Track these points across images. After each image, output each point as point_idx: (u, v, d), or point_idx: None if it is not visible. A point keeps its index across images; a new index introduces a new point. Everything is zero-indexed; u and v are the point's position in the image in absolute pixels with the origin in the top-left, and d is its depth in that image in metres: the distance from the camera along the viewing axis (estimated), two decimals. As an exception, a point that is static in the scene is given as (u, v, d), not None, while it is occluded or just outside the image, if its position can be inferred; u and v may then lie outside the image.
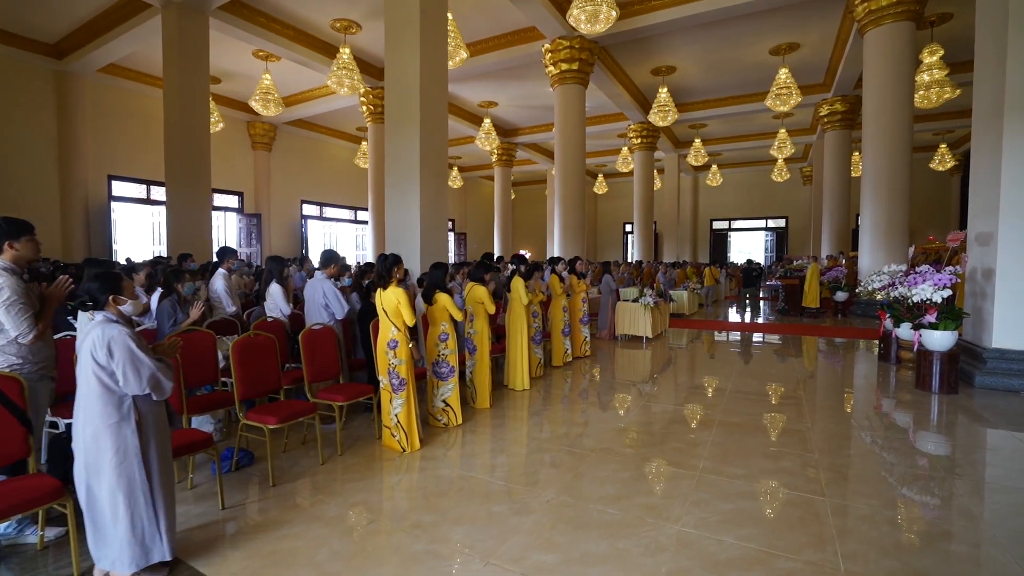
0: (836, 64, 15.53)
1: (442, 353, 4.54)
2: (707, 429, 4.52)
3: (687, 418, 4.86)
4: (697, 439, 4.28)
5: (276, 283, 4.90)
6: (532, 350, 6.27)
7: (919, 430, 4.68)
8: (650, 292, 8.52)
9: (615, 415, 4.98)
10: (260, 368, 3.78)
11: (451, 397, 4.57)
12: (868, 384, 6.32)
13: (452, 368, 4.56)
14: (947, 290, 5.47)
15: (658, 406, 5.25)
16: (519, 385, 5.75)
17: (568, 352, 7.03)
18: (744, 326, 11.33)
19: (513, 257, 6.38)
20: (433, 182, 9.49)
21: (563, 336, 6.94)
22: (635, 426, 4.63)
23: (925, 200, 24.23)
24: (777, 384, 6.16)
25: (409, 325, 4.00)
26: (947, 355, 5.56)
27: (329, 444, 4.18)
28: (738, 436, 4.33)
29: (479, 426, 4.68)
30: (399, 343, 4.00)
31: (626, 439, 4.29)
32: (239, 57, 14.70)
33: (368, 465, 3.81)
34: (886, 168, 11.23)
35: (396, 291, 3.98)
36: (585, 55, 13.53)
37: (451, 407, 4.58)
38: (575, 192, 14.30)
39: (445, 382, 4.55)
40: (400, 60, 9.38)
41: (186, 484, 3.45)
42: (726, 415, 4.91)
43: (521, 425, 4.71)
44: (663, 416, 4.91)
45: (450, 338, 4.54)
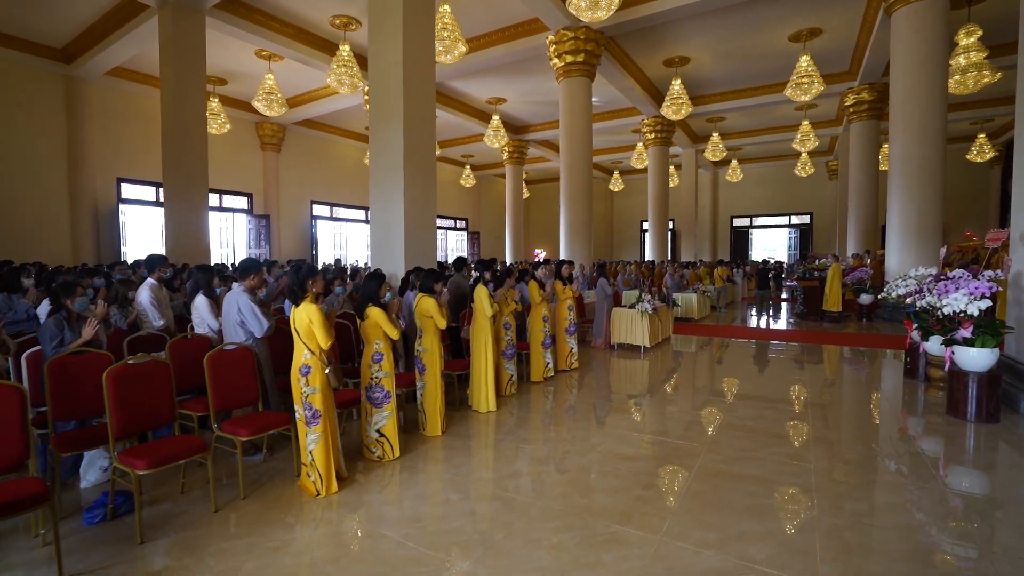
0: (862, 50, 14.31)
1: (375, 376, 3.85)
2: (686, 472, 3.73)
3: (667, 456, 4.06)
4: (669, 488, 3.50)
5: (203, 295, 4.28)
6: (503, 366, 5.53)
7: (952, 466, 3.81)
8: (648, 297, 7.68)
9: (582, 448, 4.20)
10: (142, 399, 3.15)
11: (387, 426, 3.88)
12: (891, 408, 5.38)
13: (388, 393, 3.86)
14: (985, 300, 4.54)
15: (635, 436, 4.46)
16: (483, 407, 5.03)
17: (549, 366, 6.25)
18: (755, 332, 10.33)
19: (477, 263, 5.61)
20: (419, 180, 8.82)
21: (543, 349, 6.17)
22: (600, 465, 3.85)
23: (962, 194, 22.55)
24: (781, 409, 5.29)
25: (323, 347, 3.33)
26: (985, 376, 4.63)
27: (250, 480, 3.55)
28: (724, 485, 3.52)
29: (420, 460, 3.97)
30: (312, 369, 3.33)
31: (583, 486, 3.52)
32: (244, 58, 14.31)
33: (266, 514, 3.14)
34: (916, 160, 10.09)
35: (308, 308, 3.31)
36: (591, 46, 12.70)
37: (387, 438, 3.89)
38: (581, 189, 13.49)
39: (380, 409, 3.86)
40: (383, 52, 8.71)
41: (39, 541, 2.85)
42: (714, 454, 4.08)
43: (468, 460, 3.98)
44: (638, 451, 4.13)
45: (385, 359, 3.85)
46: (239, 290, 3.84)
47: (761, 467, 3.73)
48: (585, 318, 8.47)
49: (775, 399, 5.56)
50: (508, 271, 5.60)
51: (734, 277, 16.03)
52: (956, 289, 4.72)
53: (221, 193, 17.35)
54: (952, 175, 22.70)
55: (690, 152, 22.96)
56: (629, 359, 7.63)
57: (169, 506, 3.26)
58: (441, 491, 3.48)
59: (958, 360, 4.76)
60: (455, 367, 5.17)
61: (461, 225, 27.50)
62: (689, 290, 11.65)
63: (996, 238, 5.28)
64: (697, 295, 11.25)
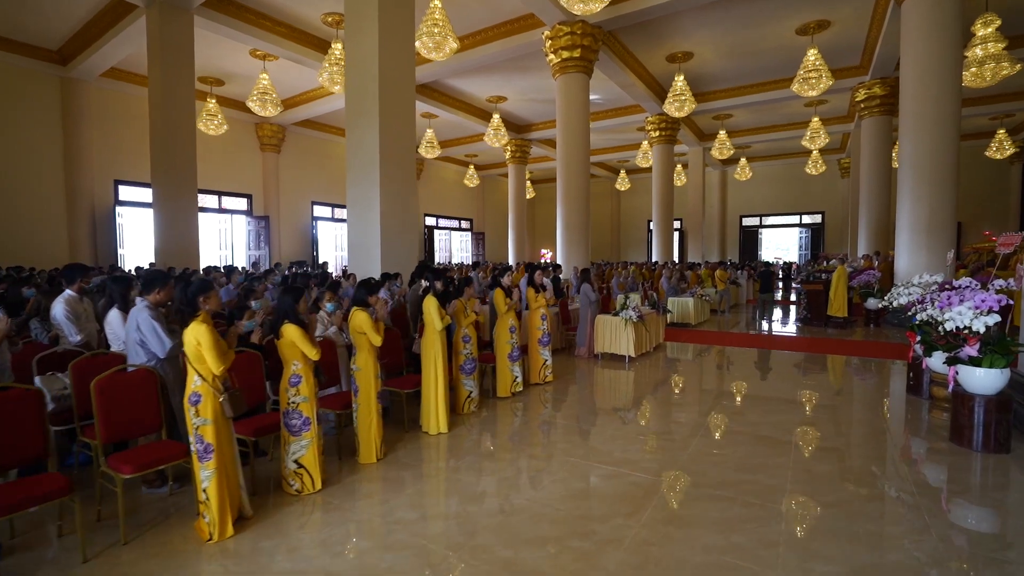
0: (873, 42, 13.53)
1: (293, 401, 3.39)
2: (637, 516, 3.21)
3: (621, 494, 3.53)
4: (613, 538, 2.98)
5: (116, 309, 3.86)
6: (461, 382, 5.04)
7: (955, 500, 3.24)
8: (634, 304, 7.12)
9: (529, 480, 3.70)
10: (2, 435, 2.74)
11: (306, 457, 3.42)
12: (889, 434, 4.73)
13: (307, 420, 3.40)
14: (993, 315, 3.93)
15: (592, 467, 3.93)
16: (433, 428, 4.54)
17: (518, 380, 5.71)
18: (752, 340, 9.65)
19: (426, 271, 5.06)
20: (398, 180, 8.36)
21: (510, 362, 5.64)
22: (542, 505, 3.34)
23: (980, 192, 21.50)
24: (762, 431, 4.73)
25: (215, 373, 2.88)
26: (994, 401, 4.02)
27: (146, 519, 3.13)
28: (678, 537, 3.00)
29: (342, 495, 3.48)
30: (203, 397, 2.89)
31: (512, 534, 2.99)
32: (240, 59, 14.02)
33: (141, 565, 2.67)
34: (928, 157, 9.35)
35: (197, 329, 2.86)
36: (587, 41, 12.13)
37: (306, 470, 3.43)
38: (579, 189, 12.94)
39: (297, 438, 3.41)
40: (358, 47, 8.25)
41: None
42: (677, 491, 3.56)
43: (396, 495, 3.48)
44: (589, 486, 3.62)
45: (303, 382, 3.39)
46: (142, 305, 3.41)
47: (726, 509, 3.19)
48: (570, 325, 7.95)
49: (757, 420, 4.99)
50: (467, 280, 5.10)
51: (738, 279, 15.30)
52: (960, 301, 4.11)
53: (220, 194, 17.11)
54: (970, 172, 21.70)
55: (697, 150, 22.22)
56: (612, 370, 7.08)
57: (39, 552, 2.84)
58: (351, 535, 3.00)
59: (963, 381, 4.16)
60: (407, 384, 4.69)
61: (466, 226, 27.07)
62: (687, 294, 11.01)
63: (1009, 242, 4.65)
64: (694, 299, 10.61)
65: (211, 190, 16.93)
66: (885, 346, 8.67)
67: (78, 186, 13.93)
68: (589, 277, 7.45)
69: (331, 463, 3.99)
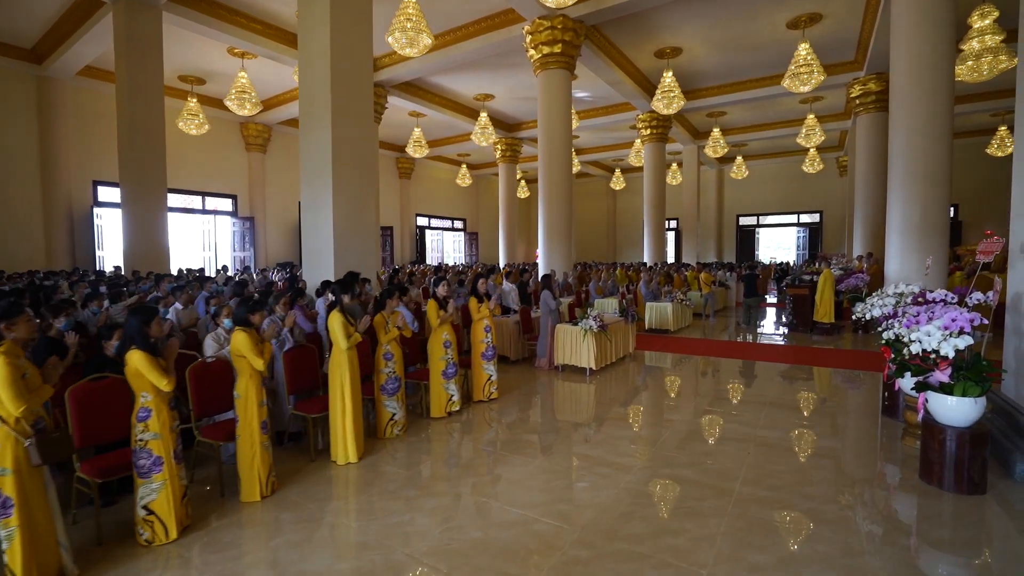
0: (867, 36, 12.82)
1: (141, 439, 2.89)
2: (545, 560, 2.67)
3: (525, 546, 3.00)
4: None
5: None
6: (383, 403, 4.51)
7: (913, 560, 2.68)
8: (594, 313, 6.56)
9: (427, 527, 3.16)
10: None
11: (157, 502, 2.91)
12: (852, 465, 4.13)
13: (158, 460, 2.89)
14: (965, 336, 3.35)
15: (505, 512, 3.40)
16: (341, 458, 4.01)
17: (454, 399, 5.19)
18: (729, 348, 8.95)
19: (323, 284, 4.44)
20: (354, 182, 7.81)
21: (445, 379, 5.09)
22: (442, 559, 2.83)
23: (982, 190, 20.67)
24: (714, 467, 4.18)
25: (15, 414, 2.38)
26: (967, 434, 3.44)
27: None
28: None
29: (199, 546, 2.95)
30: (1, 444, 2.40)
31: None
32: (220, 57, 13.59)
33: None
34: (920, 153, 8.66)
35: None
36: (569, 36, 11.55)
37: (157, 516, 2.92)
38: (561, 189, 12.39)
39: (147, 480, 2.90)
40: (310, 40, 7.69)
41: None
42: (591, 545, 3.02)
43: (263, 546, 2.93)
44: (498, 536, 3.09)
45: (153, 416, 2.88)
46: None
47: (640, 566, 2.65)
48: (532, 334, 7.39)
49: (706, 451, 4.43)
50: (390, 291, 4.57)
51: (726, 281, 14.63)
52: (929, 319, 3.53)
53: (204, 195, 16.70)
54: (971, 170, 20.86)
55: (692, 148, 21.53)
56: (571, 383, 6.52)
57: None
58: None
59: (933, 410, 3.57)
60: (314, 407, 4.16)
61: (459, 226, 26.52)
62: (667, 298, 10.39)
63: (989, 249, 4.03)
64: (674, 304, 9.99)
65: (194, 191, 16.53)
66: (870, 356, 8.04)
67: (55, 187, 13.55)
68: (550, 283, 6.88)
69: (209, 502, 3.49)
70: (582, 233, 28.35)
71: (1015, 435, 3.89)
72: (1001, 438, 4.02)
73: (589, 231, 29.05)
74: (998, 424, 4.17)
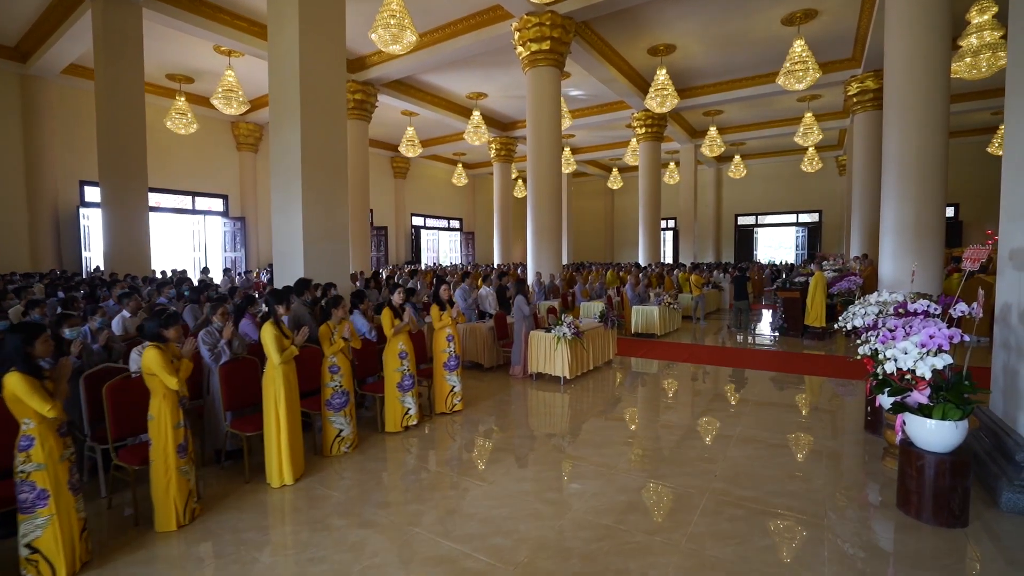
0: (864, 32, 12.43)
1: (22, 470, 2.58)
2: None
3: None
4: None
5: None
6: (328, 419, 4.21)
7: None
8: (569, 319, 6.23)
9: (359, 560, 2.87)
10: None
11: (42, 539, 2.60)
12: (825, 488, 3.78)
13: (43, 493, 2.58)
14: (944, 355, 3.01)
15: (440, 548, 3.09)
16: (275, 480, 3.71)
17: (411, 413, 4.84)
18: (715, 355, 8.48)
19: (268, 293, 4.12)
20: (324, 184, 7.48)
21: (400, 392, 4.76)
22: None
23: (982, 190, 20.14)
24: (678, 488, 3.86)
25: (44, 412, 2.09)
26: (948, 461, 3.11)
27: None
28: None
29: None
30: None
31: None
32: (208, 55, 13.33)
33: None
34: (914, 152, 8.28)
35: None
36: (557, 32, 11.22)
37: (43, 555, 2.59)
38: (550, 189, 12.07)
39: (30, 515, 2.58)
40: (280, 37, 7.40)
41: None
42: (556, 566, 2.72)
43: (183, 574, 2.69)
44: (440, 572, 2.79)
45: (35, 446, 2.59)
46: None
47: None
48: (507, 340, 7.07)
49: (673, 471, 4.11)
50: (335, 300, 4.26)
51: (720, 283, 14.25)
52: (907, 335, 3.19)
53: (194, 195, 16.46)
54: (972, 169, 20.34)
55: (689, 147, 21.12)
56: (544, 392, 6.19)
57: None
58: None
59: (911, 433, 3.24)
60: (249, 426, 3.85)
61: (455, 225, 26.19)
62: (654, 301, 10.03)
63: (976, 257, 3.68)
64: (661, 307, 9.63)
65: (184, 190, 16.30)
66: (860, 364, 7.62)
67: (40, 187, 13.33)
68: (524, 288, 6.56)
69: (123, 532, 3.21)
70: (579, 233, 27.99)
71: (1002, 458, 3.54)
72: (986, 459, 3.67)
73: (586, 231, 28.67)
74: (983, 444, 3.83)
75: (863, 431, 4.80)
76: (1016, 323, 3.66)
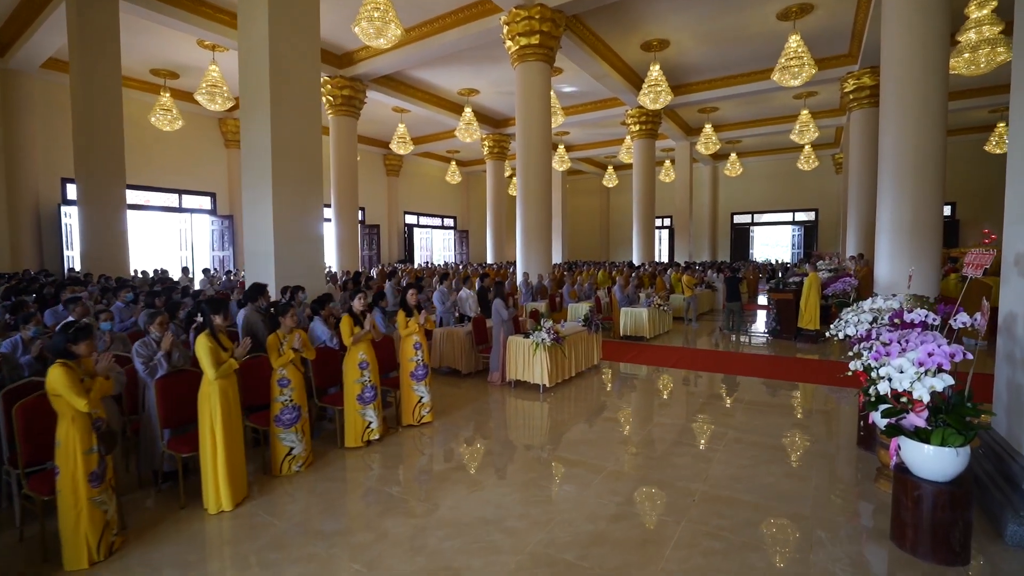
0: (861, 27, 12.06)
1: None
2: None
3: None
4: None
5: None
6: (278, 437, 3.86)
7: None
8: (548, 324, 5.88)
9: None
10: None
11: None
12: (814, 516, 3.45)
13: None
14: (944, 375, 2.66)
15: (397, 569, 2.76)
16: (213, 505, 3.34)
17: (372, 427, 4.43)
18: (704, 359, 8.06)
19: (203, 302, 3.68)
20: (295, 182, 7.09)
21: (361, 404, 4.39)
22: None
23: (980, 189, 19.84)
24: (658, 508, 3.52)
25: None
26: (948, 493, 2.76)
27: None
28: None
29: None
30: None
31: None
32: (193, 50, 12.94)
33: None
34: (911, 149, 7.93)
35: None
36: (547, 27, 10.85)
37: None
38: (540, 187, 11.72)
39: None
40: (250, 26, 7.03)
41: None
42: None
43: None
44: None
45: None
46: None
47: None
48: (486, 345, 6.72)
49: (652, 493, 3.77)
50: (283, 308, 3.90)
51: (714, 282, 13.88)
52: (901, 351, 2.84)
53: (180, 193, 16.08)
54: (970, 168, 19.96)
55: (684, 145, 20.74)
56: (522, 401, 5.83)
57: None
58: None
59: (906, 459, 2.90)
60: (185, 446, 3.49)
61: (449, 224, 25.79)
62: (643, 303, 9.67)
63: (979, 263, 3.33)
64: (650, 310, 9.26)
65: (170, 188, 15.93)
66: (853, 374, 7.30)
67: (20, 184, 12.96)
68: (502, 291, 6.21)
69: (33, 566, 2.87)
70: (575, 231, 27.62)
71: (1006, 484, 3.19)
72: (989, 485, 3.32)
73: (582, 229, 28.29)
74: (986, 468, 3.48)
75: (856, 447, 4.45)
76: (1022, 335, 3.31)
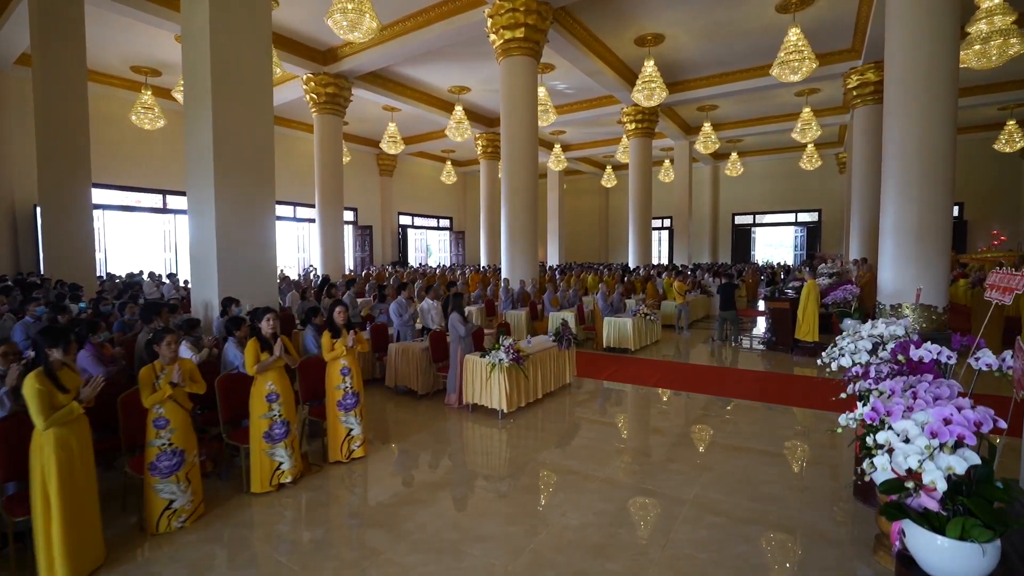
0: (864, 20, 11.25)
1: None
2: None
3: None
4: None
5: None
6: (152, 487, 3.18)
7: None
8: (508, 341, 5.16)
9: None
10: None
11: None
12: None
13: None
14: (966, 451, 1.93)
15: None
16: (60, 571, 2.68)
17: (283, 468, 3.67)
18: (688, 377, 7.21)
19: (40, 332, 2.91)
20: (244, 183, 6.43)
21: (269, 443, 3.63)
22: None
23: (988, 189, 18.84)
24: (609, 570, 2.83)
25: None
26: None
27: None
28: None
29: None
30: None
31: None
32: (171, 46, 12.33)
33: None
34: (917, 148, 7.13)
35: None
36: (532, 20, 10.15)
37: None
38: (526, 187, 11.04)
39: None
40: (192, 14, 6.39)
41: None
42: None
43: None
44: None
45: None
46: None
47: None
48: (445, 363, 6.01)
49: (606, 550, 3.07)
50: (158, 335, 3.21)
51: (709, 286, 13.08)
52: (908, 410, 2.10)
53: (164, 193, 15.51)
54: (978, 167, 18.94)
55: (683, 144, 19.90)
56: (478, 427, 5.12)
57: None
58: None
59: (913, 549, 2.17)
60: (18, 508, 2.78)
61: (445, 224, 25.08)
62: (628, 312, 8.91)
63: (1008, 286, 2.57)
64: (635, 320, 8.49)
65: (154, 188, 15.38)
66: (851, 399, 6.53)
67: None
68: (460, 303, 5.49)
69: None
70: (573, 232, 26.84)
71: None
72: (1016, 562, 2.58)
73: (580, 229, 27.50)
74: (1014, 541, 2.73)
75: (853, 499, 3.69)
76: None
